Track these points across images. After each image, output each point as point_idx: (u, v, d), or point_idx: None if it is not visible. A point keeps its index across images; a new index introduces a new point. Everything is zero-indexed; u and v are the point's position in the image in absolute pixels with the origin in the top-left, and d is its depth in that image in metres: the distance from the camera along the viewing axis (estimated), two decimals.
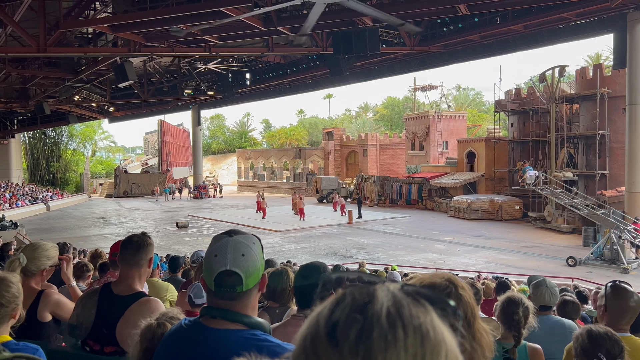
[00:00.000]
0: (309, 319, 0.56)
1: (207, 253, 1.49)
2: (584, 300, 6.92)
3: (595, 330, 2.20)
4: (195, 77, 35.59)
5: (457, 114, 48.37)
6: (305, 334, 0.54)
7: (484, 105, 76.63)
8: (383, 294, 0.54)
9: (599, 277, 14.86)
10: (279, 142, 76.45)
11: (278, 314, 2.92)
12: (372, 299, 0.53)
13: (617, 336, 2.20)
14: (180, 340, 1.48)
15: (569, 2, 18.50)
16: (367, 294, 0.54)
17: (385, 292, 0.55)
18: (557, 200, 22.95)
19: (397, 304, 0.53)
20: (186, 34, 20.42)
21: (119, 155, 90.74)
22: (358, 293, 0.55)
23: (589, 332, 2.21)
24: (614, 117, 25.84)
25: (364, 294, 0.54)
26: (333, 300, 0.55)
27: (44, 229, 27.60)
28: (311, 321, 0.55)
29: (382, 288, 0.55)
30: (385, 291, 0.55)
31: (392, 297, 0.54)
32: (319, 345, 0.52)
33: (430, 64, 27.03)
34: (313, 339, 0.53)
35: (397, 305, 0.53)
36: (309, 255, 19.22)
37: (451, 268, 15.77)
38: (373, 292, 0.54)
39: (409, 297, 0.55)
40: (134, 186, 53.35)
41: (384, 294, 0.54)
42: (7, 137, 47.65)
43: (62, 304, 2.88)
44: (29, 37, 18.57)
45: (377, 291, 0.55)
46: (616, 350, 2.14)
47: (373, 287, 0.55)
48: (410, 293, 0.55)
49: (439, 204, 35.29)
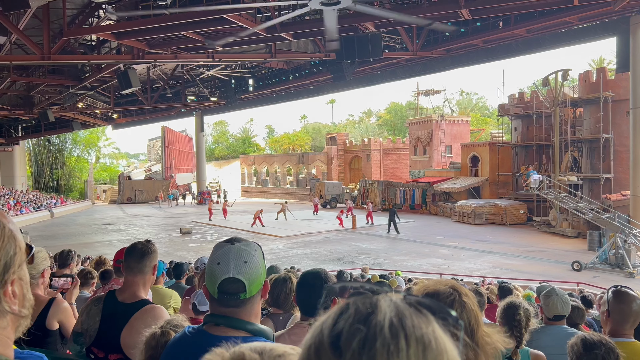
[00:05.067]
0: (313, 328, 0.56)
1: (209, 261, 1.50)
2: (589, 305, 6.87)
3: (589, 339, 2.20)
4: (199, 84, 35.71)
5: (460, 118, 48.36)
6: (309, 344, 0.55)
7: (488, 110, 76.55)
8: (385, 305, 0.55)
9: (604, 282, 14.77)
10: (282, 148, 76.56)
11: (282, 321, 2.91)
12: (374, 309, 0.54)
13: (612, 343, 2.19)
14: (184, 348, 1.48)
15: (571, 6, 18.48)
16: (369, 305, 0.55)
17: (387, 302, 0.55)
18: (562, 204, 22.87)
19: (400, 315, 0.53)
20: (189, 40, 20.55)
21: (123, 162, 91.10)
22: (361, 303, 0.55)
23: (583, 341, 2.20)
24: (618, 120, 25.79)
25: (367, 305, 0.55)
26: (336, 310, 0.56)
27: (48, 236, 27.67)
28: (315, 331, 0.56)
29: (384, 298, 0.56)
30: (388, 301, 0.55)
31: (395, 308, 0.54)
32: (322, 354, 0.53)
33: (432, 68, 27.05)
34: (317, 348, 0.54)
35: (400, 316, 0.53)
36: (313, 261, 19.19)
37: (455, 273, 15.72)
38: (376, 303, 0.55)
39: (411, 307, 0.55)
40: (137, 192, 53.46)
41: (387, 305, 0.55)
42: (12, 144, 47.82)
43: (70, 312, 2.92)
44: (34, 45, 18.68)
45: (379, 301, 0.55)
46: (611, 357, 2.14)
47: (376, 298, 0.56)
48: (413, 303, 0.56)
49: (443, 208, 35.23)
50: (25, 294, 0.93)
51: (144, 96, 34.16)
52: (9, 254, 0.89)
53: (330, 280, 2.28)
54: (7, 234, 0.90)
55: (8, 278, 0.88)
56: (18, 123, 46.17)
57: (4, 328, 0.89)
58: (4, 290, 0.87)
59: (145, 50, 21.45)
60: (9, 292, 0.88)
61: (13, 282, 0.89)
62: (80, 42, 22.81)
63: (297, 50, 24.28)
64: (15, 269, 0.90)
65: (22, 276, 0.93)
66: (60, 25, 19.20)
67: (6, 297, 0.87)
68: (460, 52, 24.82)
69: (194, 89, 37.17)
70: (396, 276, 11.27)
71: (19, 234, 0.94)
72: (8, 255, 0.89)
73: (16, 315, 0.90)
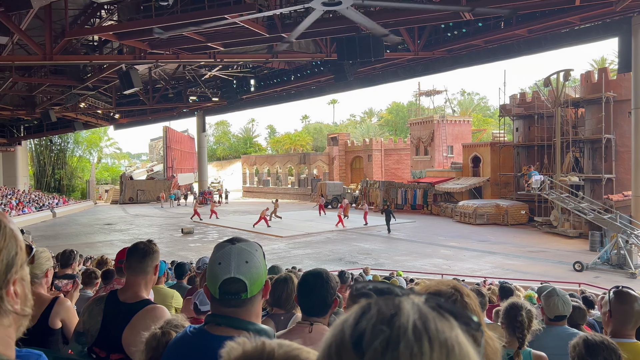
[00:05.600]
0: (333, 327, 0.56)
1: (210, 261, 1.50)
2: (590, 305, 6.86)
3: (592, 339, 2.20)
4: (200, 84, 35.75)
5: (461, 118, 48.34)
6: (330, 342, 0.55)
7: (489, 110, 76.49)
8: (409, 307, 0.54)
9: (606, 282, 14.76)
10: (284, 148, 76.57)
11: (283, 321, 2.92)
12: (398, 310, 0.54)
13: (614, 345, 2.19)
14: (185, 348, 1.48)
15: (573, 7, 18.46)
16: (392, 306, 0.55)
17: (410, 304, 0.55)
18: (563, 204, 22.84)
19: (423, 318, 0.53)
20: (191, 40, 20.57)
21: (125, 162, 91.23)
22: (384, 304, 0.55)
23: (585, 342, 2.20)
24: (620, 121, 25.75)
25: (390, 306, 0.55)
26: (358, 310, 0.56)
27: (50, 236, 27.71)
28: (336, 329, 0.55)
29: (407, 300, 0.56)
30: (411, 304, 0.55)
31: (418, 310, 0.54)
32: (344, 353, 0.52)
33: (434, 69, 27.03)
34: (338, 347, 0.53)
35: (423, 319, 0.53)
36: (314, 261, 19.19)
37: (457, 273, 15.72)
38: (399, 304, 0.55)
39: (434, 311, 0.55)
40: (139, 192, 53.52)
41: (410, 307, 0.54)
42: (14, 144, 47.90)
43: (73, 311, 2.95)
44: (36, 45, 18.72)
45: (402, 303, 0.55)
46: (614, 358, 2.14)
47: (399, 299, 0.56)
48: (435, 307, 0.56)
49: (445, 209, 35.20)
50: (27, 293, 0.94)
51: (145, 96, 34.19)
52: (11, 254, 0.89)
53: (332, 281, 2.29)
54: (9, 233, 0.90)
55: (10, 278, 0.88)
56: (20, 123, 46.25)
57: (7, 327, 0.89)
58: (6, 289, 0.88)
59: (147, 50, 21.48)
60: (12, 291, 0.89)
61: (15, 282, 0.90)
62: (82, 43, 22.85)
63: (298, 51, 24.30)
64: (18, 268, 0.91)
65: (23, 276, 0.93)
66: (62, 25, 19.23)
67: (9, 296, 0.88)
68: (461, 52, 24.81)
69: (196, 89, 37.22)
70: (397, 276, 11.28)
71: (20, 234, 0.94)
72: (10, 255, 0.89)
73: (19, 315, 0.90)
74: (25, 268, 0.94)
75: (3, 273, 0.87)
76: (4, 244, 0.88)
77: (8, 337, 0.90)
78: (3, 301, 0.87)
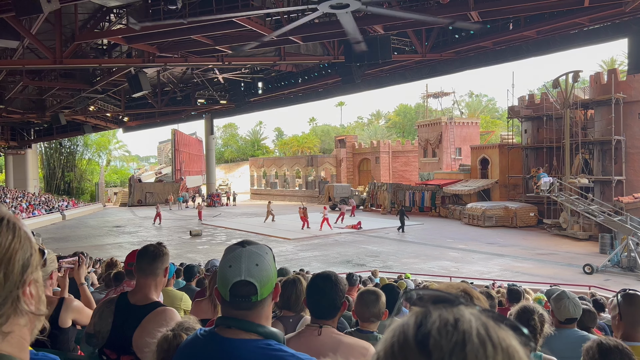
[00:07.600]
0: (391, 329, 0.58)
1: (220, 264, 1.51)
2: (601, 308, 6.80)
3: (605, 343, 2.18)
4: (208, 87, 35.90)
5: (469, 120, 48.15)
6: (391, 342, 0.56)
7: (497, 112, 76.14)
8: (469, 313, 0.57)
9: (616, 285, 14.61)
10: (292, 150, 76.67)
11: (292, 323, 2.92)
12: (459, 317, 0.56)
13: (628, 349, 2.18)
14: (196, 350, 1.50)
15: (582, 8, 18.34)
16: (453, 312, 0.57)
17: (469, 311, 0.57)
18: (573, 207, 22.68)
19: (485, 325, 0.55)
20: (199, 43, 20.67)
21: (133, 165, 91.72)
22: (444, 310, 0.57)
23: (599, 345, 2.19)
24: (630, 122, 25.53)
25: (451, 312, 0.57)
26: (418, 314, 0.57)
27: (60, 238, 27.92)
28: (396, 331, 0.57)
29: (465, 308, 0.58)
30: (470, 311, 0.57)
31: (479, 318, 0.56)
32: (409, 353, 0.54)
33: (442, 70, 26.96)
34: (402, 346, 0.55)
35: (485, 326, 0.55)
36: (322, 264, 19.18)
37: (465, 276, 15.63)
38: (459, 311, 0.57)
39: (492, 320, 0.57)
40: (148, 195, 53.80)
41: (470, 314, 0.57)
42: (24, 147, 48.35)
43: (83, 309, 2.99)
44: (46, 49, 18.89)
45: (462, 310, 0.57)
46: None
47: (457, 307, 0.58)
48: (492, 317, 0.58)
49: (453, 211, 35.07)
50: (41, 295, 0.95)
51: (154, 99, 34.39)
52: (27, 255, 0.91)
53: (341, 283, 2.29)
54: (23, 235, 0.92)
55: (27, 278, 0.90)
56: (30, 126, 46.65)
57: (23, 326, 0.90)
58: (22, 290, 0.89)
59: (155, 53, 21.60)
60: (27, 292, 0.90)
61: (30, 283, 0.91)
62: (91, 46, 23.02)
63: (306, 53, 24.34)
64: (33, 269, 0.92)
65: (37, 278, 0.95)
66: (72, 29, 19.41)
67: (25, 296, 0.89)
68: (469, 54, 24.72)
69: (204, 92, 37.38)
70: (406, 279, 11.24)
71: (32, 236, 0.96)
72: (25, 256, 0.90)
73: (34, 315, 0.92)
74: (39, 270, 0.96)
75: (19, 273, 0.88)
76: (19, 245, 0.90)
77: (23, 338, 0.91)
78: (20, 301, 0.88)
